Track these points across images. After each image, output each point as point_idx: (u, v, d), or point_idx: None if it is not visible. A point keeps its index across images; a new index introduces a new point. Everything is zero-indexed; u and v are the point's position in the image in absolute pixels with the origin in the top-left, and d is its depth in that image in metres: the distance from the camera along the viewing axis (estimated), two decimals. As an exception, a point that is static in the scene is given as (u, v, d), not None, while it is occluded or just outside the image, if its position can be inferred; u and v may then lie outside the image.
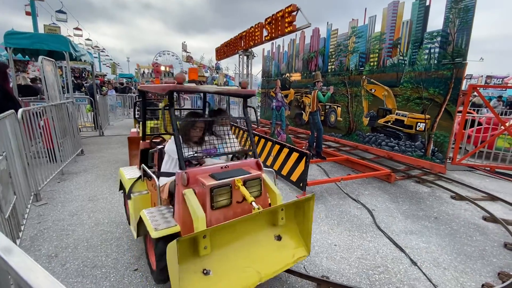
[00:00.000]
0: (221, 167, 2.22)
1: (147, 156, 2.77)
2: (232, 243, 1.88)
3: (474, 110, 9.21)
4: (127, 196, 2.70)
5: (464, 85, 6.54)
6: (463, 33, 4.69)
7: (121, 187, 3.03)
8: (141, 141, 2.97)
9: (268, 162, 5.32)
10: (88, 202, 3.74)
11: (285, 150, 4.81)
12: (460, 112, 5.36)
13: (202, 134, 2.53)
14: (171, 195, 2.27)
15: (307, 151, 4.26)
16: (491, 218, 3.62)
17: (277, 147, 5.10)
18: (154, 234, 1.87)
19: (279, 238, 2.11)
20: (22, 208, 3.05)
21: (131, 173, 2.95)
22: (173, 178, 2.24)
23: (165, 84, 2.16)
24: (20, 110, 3.47)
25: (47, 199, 3.76)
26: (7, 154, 2.75)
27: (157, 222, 1.97)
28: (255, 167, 2.41)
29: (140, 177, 2.69)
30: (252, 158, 2.47)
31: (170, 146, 2.40)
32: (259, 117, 7.96)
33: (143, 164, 2.59)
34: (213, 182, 1.98)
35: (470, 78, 17.15)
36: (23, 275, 0.50)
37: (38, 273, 0.50)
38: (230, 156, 2.62)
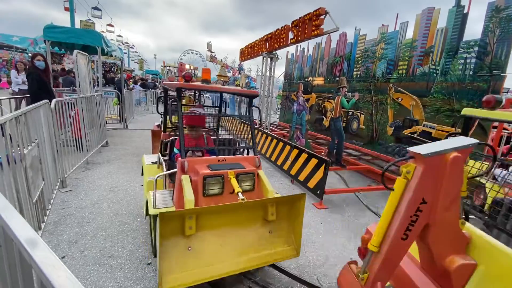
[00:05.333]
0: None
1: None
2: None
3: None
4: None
5: (501, 99, 6.11)
6: (504, 44, 4.38)
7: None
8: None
9: (285, 167, 5.25)
10: (109, 192, 3.87)
11: (304, 155, 4.72)
12: (495, 127, 5.01)
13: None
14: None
15: (326, 158, 4.15)
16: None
17: (295, 151, 5.02)
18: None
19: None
20: (48, 194, 3.21)
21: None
22: None
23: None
24: (53, 101, 3.66)
25: (72, 186, 3.93)
26: (39, 142, 2.90)
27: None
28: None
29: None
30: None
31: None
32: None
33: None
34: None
35: (507, 92, 16.04)
36: (45, 272, 0.50)
37: (61, 271, 0.50)
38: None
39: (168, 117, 3.33)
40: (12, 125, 2.24)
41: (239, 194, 2.07)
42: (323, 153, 6.23)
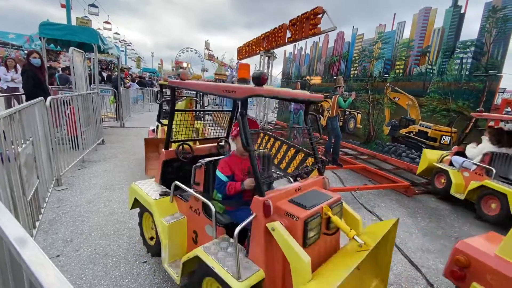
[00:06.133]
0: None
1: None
2: None
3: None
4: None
5: (496, 99, 6.17)
6: (500, 44, 4.42)
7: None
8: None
9: (282, 166, 5.26)
10: (105, 190, 3.84)
11: (301, 154, 4.73)
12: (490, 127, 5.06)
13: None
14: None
15: (323, 157, 4.16)
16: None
17: (292, 150, 5.03)
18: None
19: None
20: (43, 192, 3.18)
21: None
22: None
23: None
24: (48, 98, 3.63)
25: (67, 185, 3.91)
26: (33, 140, 2.88)
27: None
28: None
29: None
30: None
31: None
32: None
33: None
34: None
35: (503, 92, 16.17)
36: (34, 271, 0.49)
37: (49, 270, 0.50)
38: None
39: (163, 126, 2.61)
40: (6, 122, 2.22)
41: (356, 238, 1.54)
42: (319, 153, 6.24)
